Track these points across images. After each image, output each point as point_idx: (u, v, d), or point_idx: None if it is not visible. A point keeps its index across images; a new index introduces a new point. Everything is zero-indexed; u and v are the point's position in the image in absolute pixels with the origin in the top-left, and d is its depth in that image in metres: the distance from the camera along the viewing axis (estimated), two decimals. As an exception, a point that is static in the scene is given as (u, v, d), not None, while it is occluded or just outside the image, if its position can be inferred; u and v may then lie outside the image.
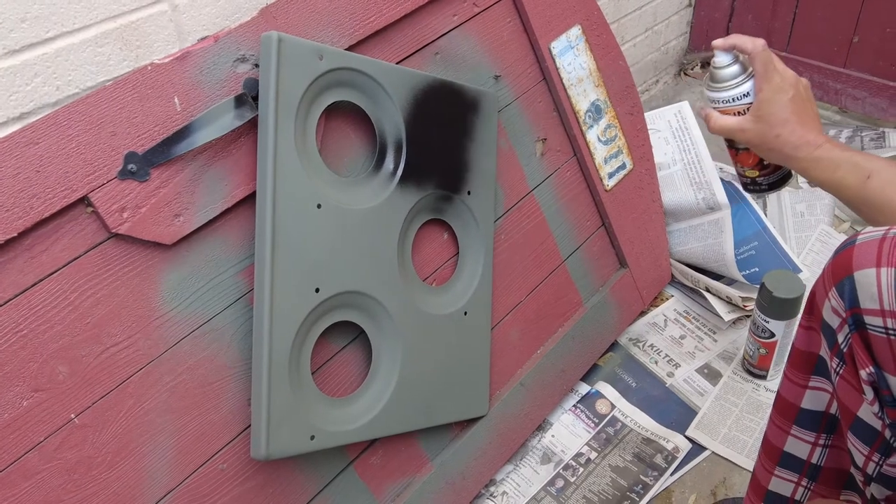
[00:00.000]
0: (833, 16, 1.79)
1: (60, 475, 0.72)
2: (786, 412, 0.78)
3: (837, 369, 0.67)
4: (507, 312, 1.12)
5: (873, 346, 0.62)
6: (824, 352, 0.70)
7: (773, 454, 0.80)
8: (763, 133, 0.82)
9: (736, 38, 0.84)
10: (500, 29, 1.07)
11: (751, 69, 0.84)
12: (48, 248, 0.71)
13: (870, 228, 0.63)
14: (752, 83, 0.83)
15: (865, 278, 0.60)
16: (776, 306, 1.15)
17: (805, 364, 0.74)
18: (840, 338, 0.65)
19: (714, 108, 0.87)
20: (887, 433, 0.65)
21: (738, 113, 0.85)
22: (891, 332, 0.60)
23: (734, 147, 0.91)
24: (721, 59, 0.84)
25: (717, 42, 0.84)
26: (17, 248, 0.69)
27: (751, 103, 0.84)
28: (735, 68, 0.84)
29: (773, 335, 1.19)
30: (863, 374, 0.63)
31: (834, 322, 0.65)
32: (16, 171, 0.67)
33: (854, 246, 0.62)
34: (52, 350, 0.71)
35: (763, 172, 0.90)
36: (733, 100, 0.84)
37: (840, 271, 0.63)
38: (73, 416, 0.73)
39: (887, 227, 0.61)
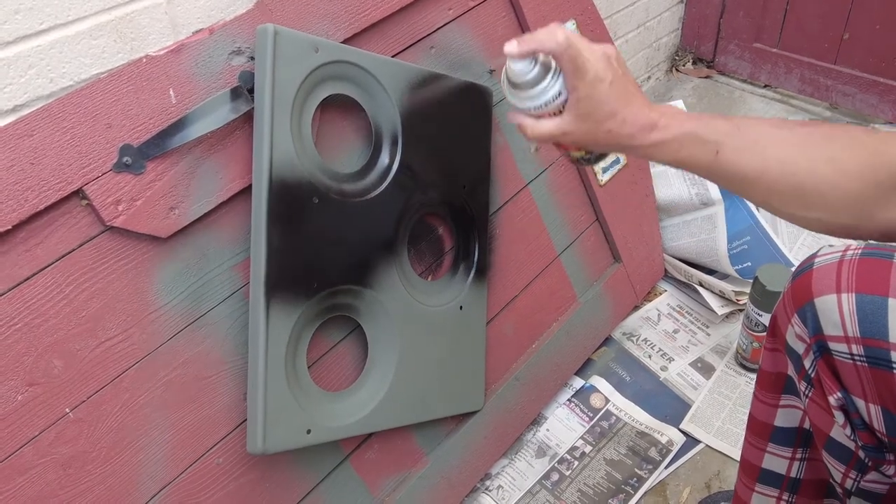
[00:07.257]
0: (824, 12, 1.79)
1: (55, 470, 0.72)
2: (760, 431, 0.77)
3: (806, 392, 0.67)
4: (502, 307, 1.12)
5: (840, 371, 0.62)
6: (792, 372, 0.69)
7: (751, 472, 0.80)
8: (591, 131, 0.71)
9: (533, 43, 0.67)
10: (495, 23, 1.07)
11: (555, 65, 0.70)
12: (43, 240, 0.70)
13: (826, 249, 0.62)
14: (562, 79, 0.70)
15: (826, 305, 0.60)
16: (769, 300, 1.16)
17: (774, 384, 0.74)
18: (807, 363, 0.65)
19: (526, 114, 0.74)
20: (861, 453, 0.65)
21: (556, 113, 0.73)
22: (856, 357, 0.59)
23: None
24: (519, 66, 0.70)
25: (512, 50, 0.68)
26: (11, 241, 0.68)
27: (566, 100, 0.72)
28: (537, 70, 0.70)
29: (766, 329, 1.19)
30: (831, 399, 0.63)
31: (799, 348, 0.65)
32: (10, 164, 0.67)
33: (812, 270, 0.62)
34: (48, 344, 0.71)
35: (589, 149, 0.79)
36: (545, 104, 0.72)
37: (800, 297, 0.63)
38: (67, 410, 0.72)
39: (843, 248, 0.61)
